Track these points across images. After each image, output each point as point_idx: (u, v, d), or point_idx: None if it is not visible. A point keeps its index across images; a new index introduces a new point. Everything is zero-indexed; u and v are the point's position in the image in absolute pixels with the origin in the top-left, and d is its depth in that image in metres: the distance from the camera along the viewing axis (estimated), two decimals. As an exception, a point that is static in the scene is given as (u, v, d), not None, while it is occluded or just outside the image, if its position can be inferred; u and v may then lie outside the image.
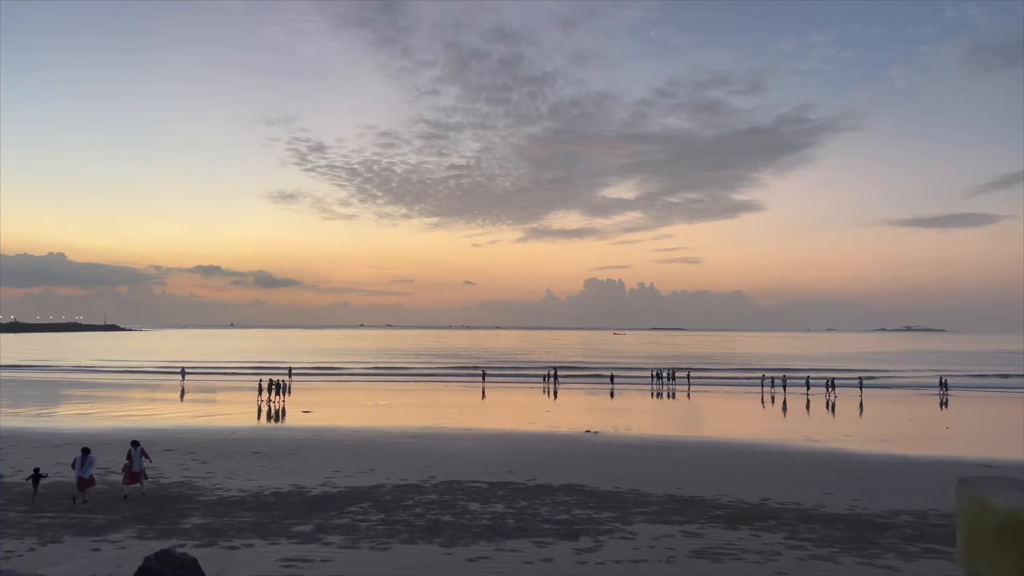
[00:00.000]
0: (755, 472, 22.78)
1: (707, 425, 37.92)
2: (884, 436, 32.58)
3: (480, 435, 31.07)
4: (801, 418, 40.95)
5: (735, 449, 27.79)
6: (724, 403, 50.02)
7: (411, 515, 16.15)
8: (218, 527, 14.75)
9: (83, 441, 26.78)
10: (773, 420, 40.23)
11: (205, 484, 19.47)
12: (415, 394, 55.10)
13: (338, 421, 36.13)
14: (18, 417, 37.06)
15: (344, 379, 71.51)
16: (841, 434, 33.00)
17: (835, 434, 32.99)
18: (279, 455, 24.75)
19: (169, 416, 37.89)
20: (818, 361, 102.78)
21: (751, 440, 30.52)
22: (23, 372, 77.44)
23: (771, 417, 41.69)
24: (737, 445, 28.92)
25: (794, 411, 44.19)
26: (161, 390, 57.65)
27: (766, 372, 65.22)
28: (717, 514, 16.73)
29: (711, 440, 30.52)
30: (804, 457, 26.11)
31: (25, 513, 15.69)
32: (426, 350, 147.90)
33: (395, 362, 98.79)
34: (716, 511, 17.03)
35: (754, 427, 36.39)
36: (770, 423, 38.63)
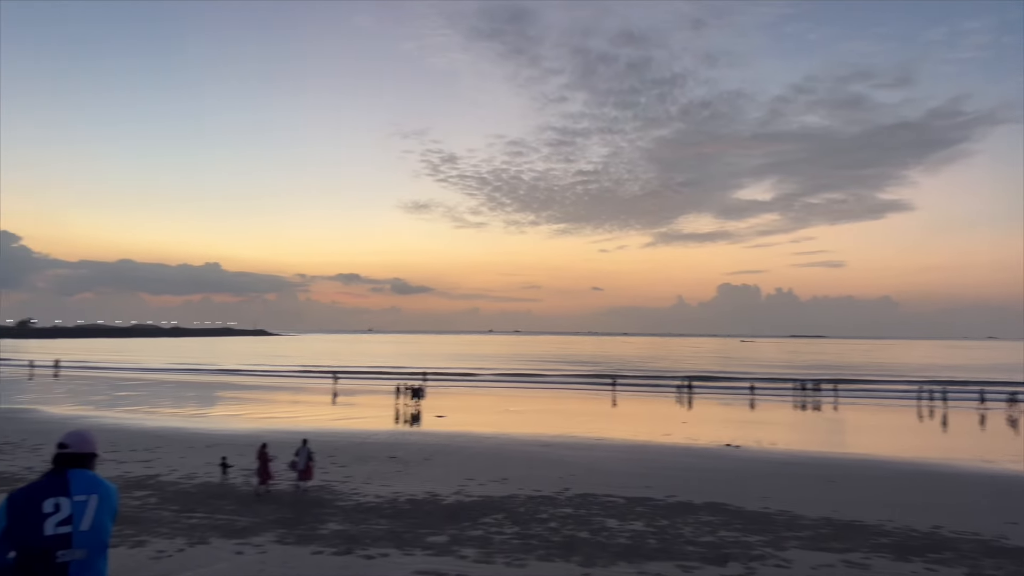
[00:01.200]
0: (921, 495, 20.66)
1: (860, 441, 35.19)
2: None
3: (613, 446, 30.14)
4: (970, 435, 37.33)
5: (895, 468, 25.46)
6: (877, 417, 46.50)
7: (546, 529, 15.54)
8: (355, 534, 14.70)
9: (231, 442, 28.02)
10: (936, 437, 36.89)
11: (343, 489, 19.69)
12: (544, 401, 54.74)
13: (470, 427, 36.21)
14: (176, 417, 39.50)
15: (475, 384, 72.26)
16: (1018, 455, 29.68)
17: (1010, 454, 29.72)
18: (414, 460, 24.85)
19: (310, 419, 39.25)
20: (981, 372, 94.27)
21: (913, 459, 27.93)
22: (182, 374, 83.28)
23: (933, 433, 38.27)
24: (897, 464, 26.51)
25: (960, 427, 40.39)
26: (304, 393, 60.25)
27: (923, 383, 60.27)
28: (882, 542, 15.09)
29: (867, 458, 28.17)
30: (977, 480, 23.53)
31: (177, 512, 16.29)
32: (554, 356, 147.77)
33: (524, 368, 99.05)
34: (881, 539, 15.38)
35: (915, 444, 33.46)
36: (933, 440, 35.43)
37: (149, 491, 18.62)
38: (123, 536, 13.91)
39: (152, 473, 21.23)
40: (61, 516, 4.22)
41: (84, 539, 4.27)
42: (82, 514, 4.30)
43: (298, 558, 12.92)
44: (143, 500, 17.49)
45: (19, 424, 32.90)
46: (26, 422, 34.23)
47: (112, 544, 13.13)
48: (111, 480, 15.62)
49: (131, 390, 58.92)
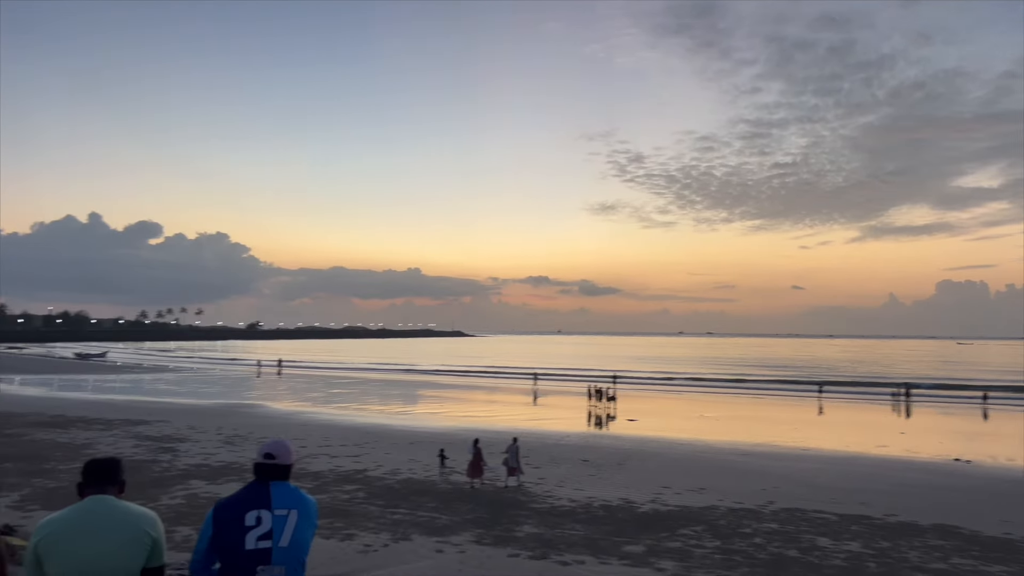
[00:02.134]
0: None
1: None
2: None
3: (821, 457, 28.02)
4: None
5: None
6: None
7: (750, 545, 14.57)
8: (550, 539, 14.59)
9: (431, 439, 29.16)
10: None
11: (537, 491, 19.73)
12: (742, 406, 52.28)
13: (663, 432, 35.26)
14: (382, 414, 41.90)
15: (666, 388, 70.62)
16: None
17: None
18: (606, 465, 24.49)
19: (504, 418, 40.08)
20: None
21: None
22: (388, 373, 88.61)
23: None
24: None
25: None
26: (498, 392, 61.89)
27: None
28: None
29: None
30: None
31: (383, 507, 17.05)
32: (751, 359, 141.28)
33: (718, 371, 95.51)
34: None
35: None
36: None
37: (358, 485, 19.69)
38: (334, 528, 14.74)
39: (360, 468, 22.49)
40: (262, 530, 4.14)
41: (283, 555, 4.18)
42: (282, 529, 4.19)
43: (495, 560, 12.99)
44: (352, 494, 18.50)
45: (247, 418, 36.37)
46: (253, 416, 37.80)
47: (324, 536, 13.85)
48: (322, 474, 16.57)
49: (343, 388, 63.50)
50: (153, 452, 24.61)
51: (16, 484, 18.69)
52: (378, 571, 12.16)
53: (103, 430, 29.96)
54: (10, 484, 18.67)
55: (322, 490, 18.82)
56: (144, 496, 17.44)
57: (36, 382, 63.11)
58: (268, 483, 4.32)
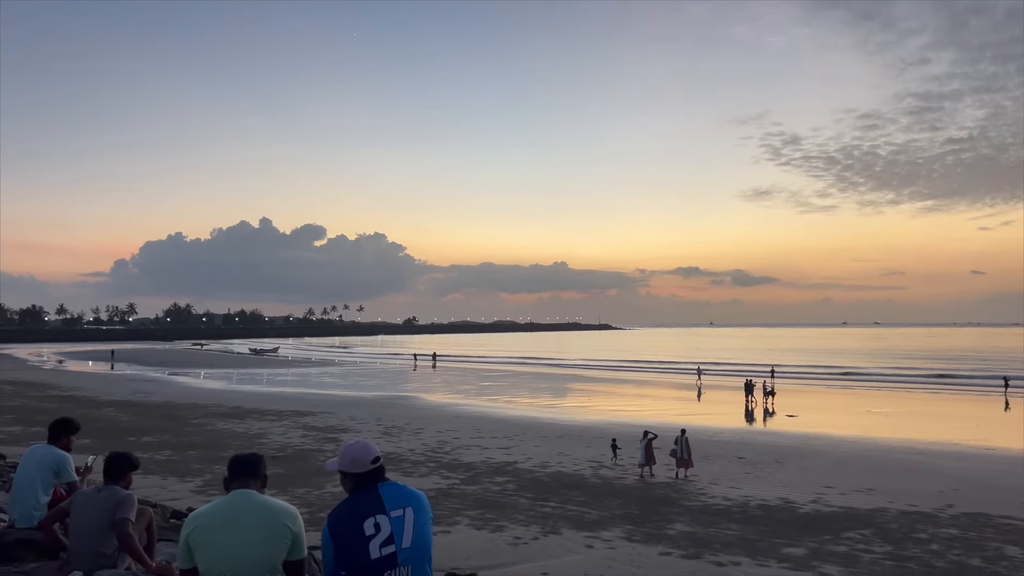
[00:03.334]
0: None
1: None
2: None
3: (1009, 457, 25.46)
4: None
5: None
6: None
7: (926, 552, 13.45)
8: (703, 537, 14.14)
9: (580, 433, 29.16)
10: None
11: (689, 488, 19.21)
12: (914, 402, 48.52)
13: (826, 428, 33.32)
14: (531, 407, 42.34)
15: (829, 380, 66.79)
16: None
17: None
18: (763, 462, 23.46)
19: (653, 413, 39.37)
20: None
21: None
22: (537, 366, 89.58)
23: None
24: None
25: None
26: (648, 386, 60.94)
27: None
28: None
29: None
30: None
31: (532, 500, 17.19)
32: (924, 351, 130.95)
33: (886, 364, 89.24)
34: None
35: None
36: None
37: (508, 477, 19.98)
38: (485, 520, 15.01)
39: (510, 460, 22.81)
40: (383, 536, 4.05)
41: (409, 556, 4.10)
42: (402, 530, 4.10)
43: (645, 557, 12.75)
44: (503, 486, 18.79)
45: (403, 410, 37.88)
46: (410, 408, 39.32)
47: (476, 527, 14.15)
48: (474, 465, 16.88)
49: (493, 381, 64.78)
50: (318, 442, 26.14)
51: (199, 470, 20.43)
52: (528, 564, 12.25)
53: (274, 421, 32.19)
54: (195, 470, 20.44)
55: (474, 481, 19.25)
56: (310, 484, 18.56)
57: (217, 376, 68.83)
58: (376, 485, 4.25)
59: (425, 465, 21.76)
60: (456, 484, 18.89)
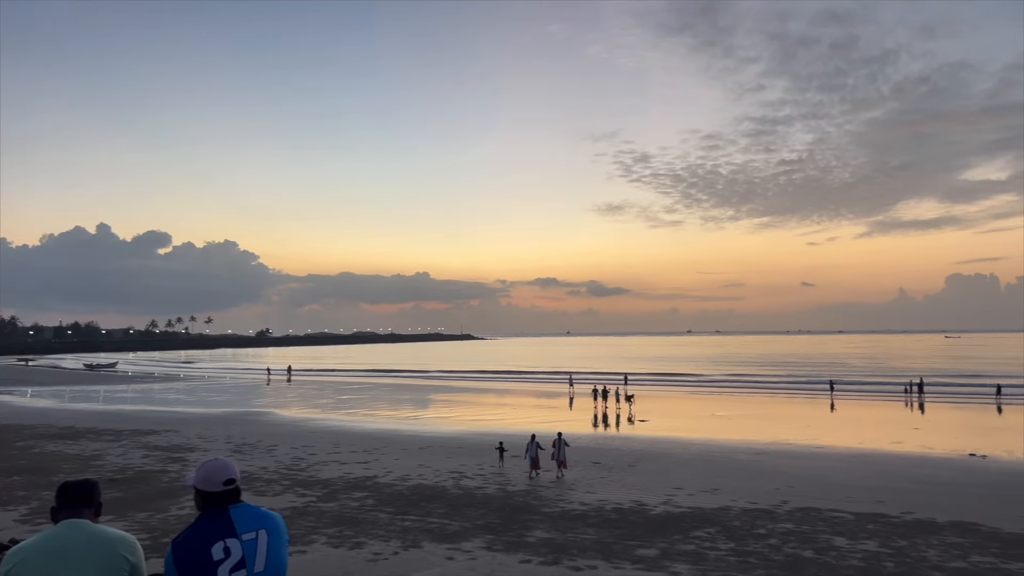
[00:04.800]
0: None
1: None
2: None
3: (835, 454, 27.72)
4: None
5: None
6: None
7: (765, 547, 14.34)
8: (562, 543, 14.40)
9: (442, 444, 29.04)
10: None
11: (548, 495, 19.55)
12: (753, 405, 51.92)
13: (675, 432, 35.00)
14: (392, 419, 41.77)
15: (677, 387, 70.26)
16: None
17: None
18: (618, 466, 24.29)
19: (515, 421, 39.88)
20: None
21: None
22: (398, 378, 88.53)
23: None
24: None
25: None
26: (509, 395, 61.67)
27: None
28: None
29: None
30: None
31: (392, 514, 16.90)
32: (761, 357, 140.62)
33: (728, 370, 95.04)
34: None
35: None
36: None
37: (367, 492, 19.55)
38: (343, 537, 14.58)
39: (370, 474, 22.35)
40: (234, 560, 3.77)
41: None
42: (254, 554, 3.80)
43: (506, 566, 12.81)
44: (361, 501, 18.35)
45: (256, 427, 36.30)
46: (263, 424, 37.72)
47: (333, 544, 13.69)
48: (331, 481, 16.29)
49: (352, 394, 63.43)
50: (162, 462, 24.53)
51: (24, 497, 18.63)
52: (388, 580, 12.00)
53: (112, 441, 29.92)
54: (18, 498, 18.61)
55: (331, 498, 18.69)
56: (153, 507, 17.36)
57: (47, 394, 63.31)
58: (227, 508, 3.93)
59: (279, 483, 20.91)
60: (312, 502, 18.27)
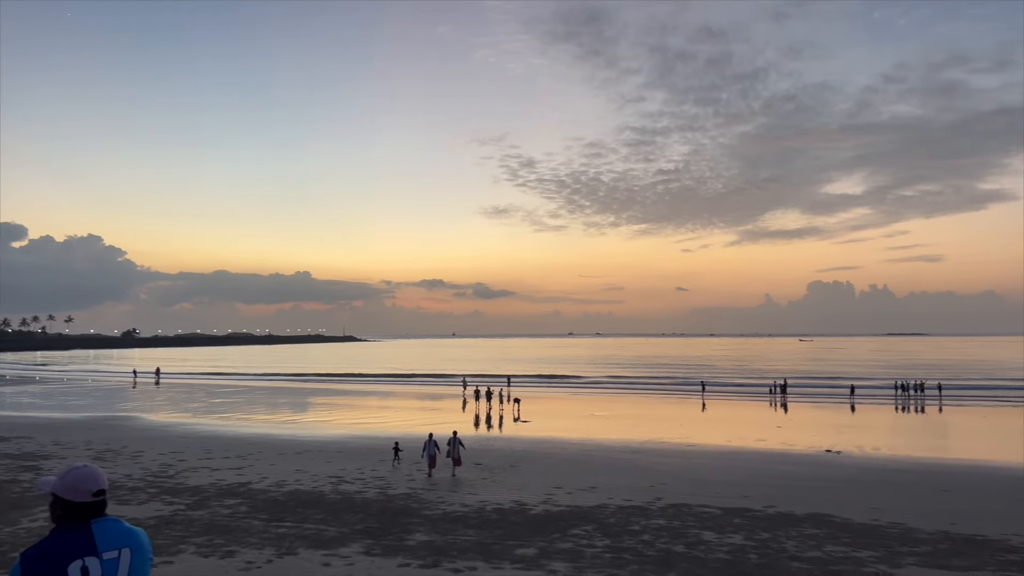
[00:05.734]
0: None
1: (972, 446, 32.93)
2: None
3: (706, 452, 29.04)
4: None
5: (1015, 477, 23.57)
6: (987, 419, 43.56)
7: (639, 542, 14.85)
8: (442, 545, 14.37)
9: (321, 448, 28.37)
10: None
11: (429, 497, 19.47)
12: (631, 405, 53.64)
13: (556, 432, 35.64)
14: (268, 424, 40.40)
15: (557, 388, 71.60)
16: None
17: None
18: (499, 467, 24.49)
19: (397, 424, 39.49)
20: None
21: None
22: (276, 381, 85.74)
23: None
24: (1017, 471, 24.55)
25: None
26: (393, 398, 60.95)
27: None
28: (1010, 559, 13.77)
29: (982, 464, 26.21)
30: (1113, 490, 21.46)
31: (266, 522, 16.35)
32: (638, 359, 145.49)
33: (607, 372, 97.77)
34: (1008, 555, 14.05)
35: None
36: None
37: (240, 499, 18.83)
38: (214, 546, 13.98)
39: (243, 480, 21.54)
40: None
41: None
42: (115, 574, 3.44)
43: (384, 571, 12.66)
44: (234, 508, 17.66)
45: (120, 432, 34.25)
46: (128, 429, 35.63)
47: (202, 554, 13.12)
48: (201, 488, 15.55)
49: (226, 397, 60.92)
50: (13, 471, 22.74)
51: None
52: (261, 589, 11.60)
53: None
54: None
55: (201, 505, 17.88)
56: (3, 520, 16.07)
57: None
58: (89, 522, 3.50)
59: (144, 491, 19.80)
60: (181, 510, 17.41)
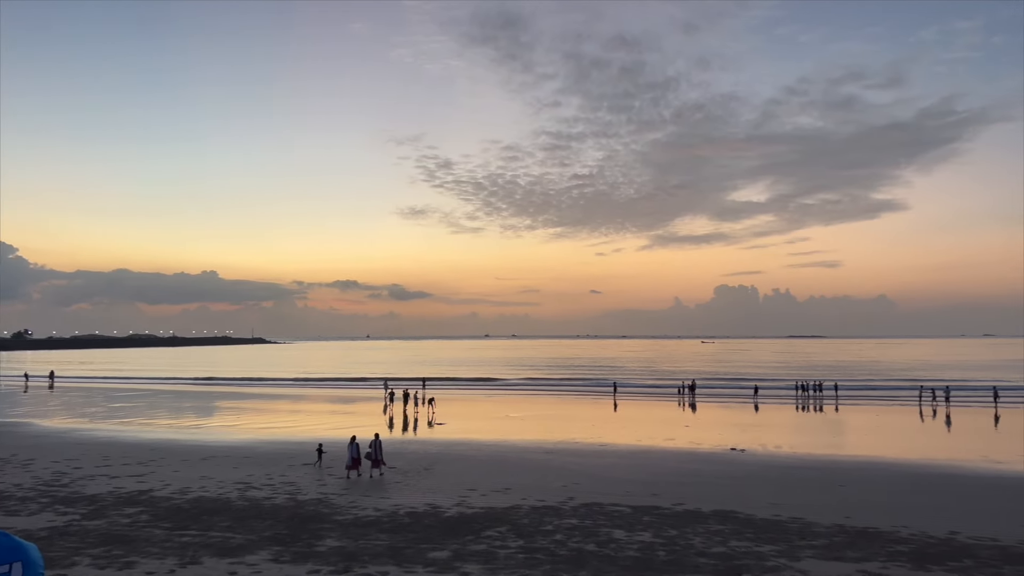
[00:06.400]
0: (933, 498, 20.19)
1: (866, 443, 34.70)
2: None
3: (617, 452, 29.60)
4: (973, 435, 36.85)
5: (904, 471, 24.98)
6: (879, 417, 45.99)
7: (552, 542, 15.01)
8: (353, 551, 14.16)
9: (227, 453, 27.51)
10: (940, 437, 36.38)
11: (341, 502, 19.14)
12: (545, 406, 54.15)
13: (471, 434, 35.64)
14: (172, 429, 38.88)
15: (473, 390, 71.62)
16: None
17: (1021, 455, 29.21)
18: (413, 470, 24.32)
19: (308, 428, 38.67)
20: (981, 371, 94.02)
21: (921, 460, 27.46)
22: (180, 384, 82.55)
23: (936, 434, 37.76)
24: (906, 466, 26.03)
25: (963, 427, 39.93)
26: (304, 401, 59.59)
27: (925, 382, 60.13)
28: (899, 550, 14.59)
29: (874, 460, 27.66)
30: (988, 482, 23.05)
31: (169, 530, 15.73)
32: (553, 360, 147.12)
33: (523, 373, 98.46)
34: (897, 546, 14.89)
35: (920, 445, 32.96)
36: (937, 441, 34.92)
37: (141, 507, 18.05)
38: (111, 557, 13.36)
39: (144, 488, 20.66)
40: None
41: None
42: None
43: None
44: (134, 517, 16.91)
45: (9, 439, 32.31)
46: (18, 437, 33.60)
47: (99, 566, 12.52)
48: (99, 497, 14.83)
49: (127, 401, 58.26)
50: None
51: None
52: (162, 601, 11.16)
53: None
54: None
55: (99, 515, 17.05)
56: None
57: None
58: None
59: (36, 501, 18.73)
60: (76, 520, 16.54)
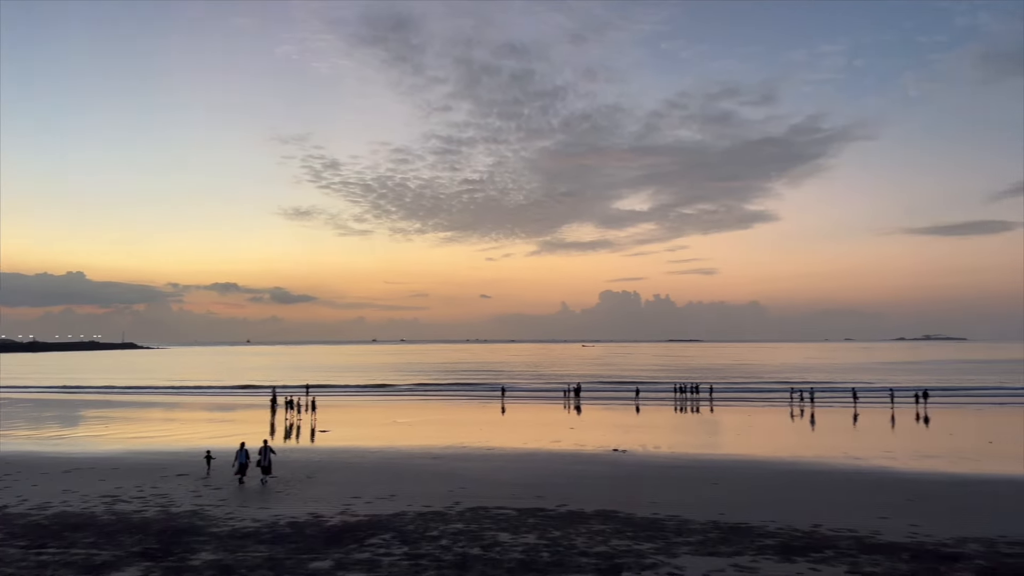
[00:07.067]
0: (799, 494, 21.45)
1: (738, 441, 36.49)
2: (929, 452, 31.03)
3: (504, 455, 29.84)
4: (836, 433, 39.41)
5: (773, 468, 26.42)
6: (751, 417, 48.48)
7: (437, 548, 14.96)
8: (230, 564, 13.63)
9: (93, 465, 25.90)
10: (806, 436, 38.70)
11: (217, 513, 18.38)
12: (433, 411, 53.95)
13: (356, 441, 35.04)
14: (30, 440, 36.23)
15: (359, 396, 70.45)
16: (882, 450, 31.49)
17: (876, 450, 31.49)
18: (295, 479, 23.66)
19: (184, 437, 36.93)
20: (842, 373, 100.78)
21: (788, 458, 29.12)
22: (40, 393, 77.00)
23: (803, 432, 40.16)
24: (774, 464, 27.54)
25: (827, 425, 42.65)
26: (178, 409, 56.81)
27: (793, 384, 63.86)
28: (767, 544, 15.43)
29: (746, 458, 29.12)
30: (848, 477, 24.71)
31: (25, 549, 14.64)
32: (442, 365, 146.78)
33: (411, 378, 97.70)
34: (766, 540, 15.73)
35: (788, 443, 34.95)
36: (804, 439, 37.13)
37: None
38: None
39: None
40: None
41: None
42: None
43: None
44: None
45: None
46: None
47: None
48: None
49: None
50: None
51: None
52: (15, 627, 10.37)
53: None
54: None
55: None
56: None
57: None
58: None
59: None
60: (-85, 543, 15.14)
